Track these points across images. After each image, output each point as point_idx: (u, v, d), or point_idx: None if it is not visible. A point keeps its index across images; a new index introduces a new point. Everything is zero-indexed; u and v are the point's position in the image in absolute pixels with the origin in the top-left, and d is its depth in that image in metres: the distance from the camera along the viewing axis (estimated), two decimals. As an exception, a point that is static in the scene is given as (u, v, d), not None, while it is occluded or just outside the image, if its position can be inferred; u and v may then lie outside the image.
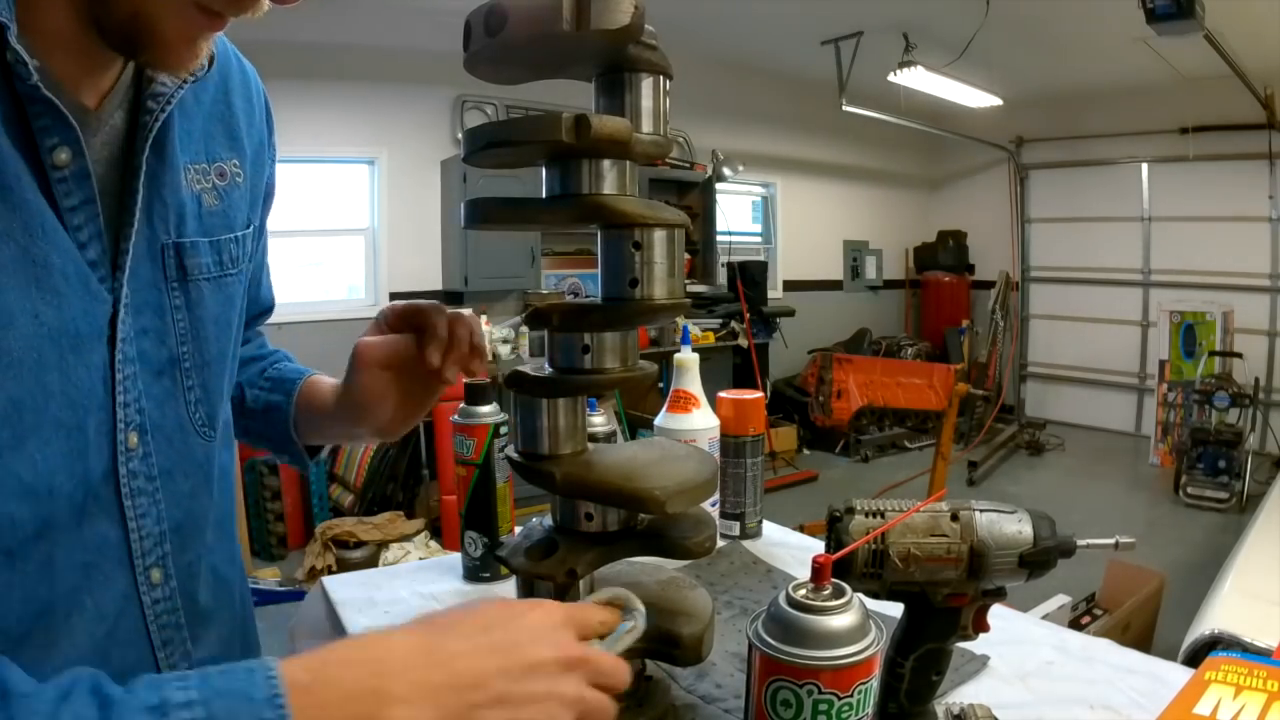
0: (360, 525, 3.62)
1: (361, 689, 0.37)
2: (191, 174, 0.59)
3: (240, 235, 0.64)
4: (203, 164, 0.60)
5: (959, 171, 7.59)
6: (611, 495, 0.60)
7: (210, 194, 0.61)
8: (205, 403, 0.60)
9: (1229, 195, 5.85)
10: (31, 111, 0.45)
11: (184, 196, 0.58)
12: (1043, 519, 0.57)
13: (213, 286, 0.60)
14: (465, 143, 0.58)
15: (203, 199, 0.60)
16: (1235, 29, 4.11)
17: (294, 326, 4.39)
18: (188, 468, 0.59)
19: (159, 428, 0.56)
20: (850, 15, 4.66)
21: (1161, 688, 0.67)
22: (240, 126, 0.65)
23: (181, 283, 0.57)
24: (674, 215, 0.60)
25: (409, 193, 4.74)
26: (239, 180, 0.64)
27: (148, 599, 0.56)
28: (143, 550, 0.55)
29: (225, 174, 0.62)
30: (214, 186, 0.61)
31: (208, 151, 0.61)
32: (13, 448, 0.45)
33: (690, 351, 1.06)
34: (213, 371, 0.61)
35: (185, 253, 0.57)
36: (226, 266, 0.62)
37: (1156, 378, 5.95)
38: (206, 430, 0.61)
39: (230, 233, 0.62)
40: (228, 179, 0.63)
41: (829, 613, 0.48)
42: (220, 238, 0.61)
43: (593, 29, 0.51)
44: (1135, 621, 2.72)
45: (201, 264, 0.59)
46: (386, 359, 0.68)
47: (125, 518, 0.53)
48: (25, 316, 0.45)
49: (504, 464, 0.92)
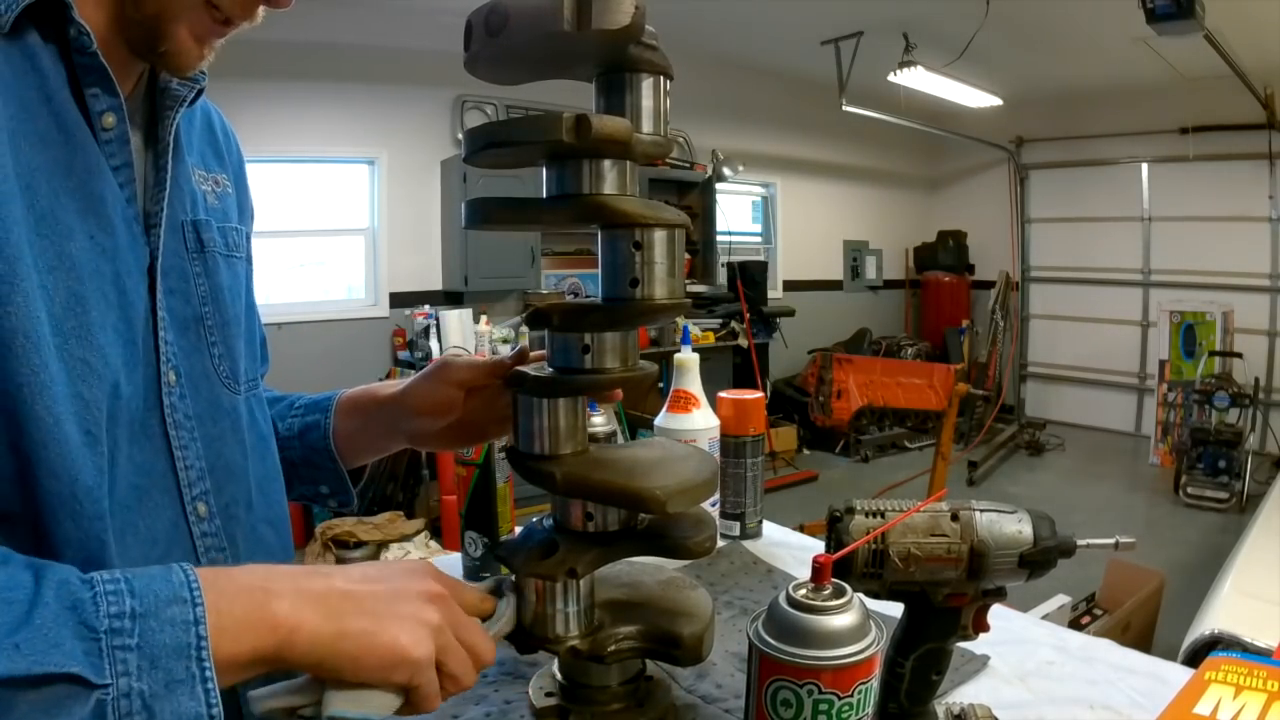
0: (360, 525, 3.62)
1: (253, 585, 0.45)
2: (198, 175, 0.67)
3: (237, 228, 0.71)
4: (202, 170, 0.69)
5: (959, 171, 7.59)
6: (612, 495, 0.60)
7: (211, 194, 0.69)
8: (227, 357, 0.67)
9: (1229, 195, 5.85)
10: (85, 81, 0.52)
11: (194, 187, 0.66)
12: (1043, 519, 0.57)
13: (224, 261, 0.68)
14: (465, 143, 0.58)
15: (205, 196, 0.68)
16: (1235, 29, 4.11)
17: (294, 326, 4.39)
18: (217, 414, 0.65)
19: (189, 375, 0.62)
20: (850, 15, 4.66)
21: (1161, 688, 0.67)
22: (223, 151, 0.74)
23: (200, 253, 0.65)
24: (674, 215, 0.60)
25: (409, 193, 4.74)
26: (229, 191, 0.72)
27: (196, 530, 0.60)
28: (189, 480, 0.60)
29: (219, 183, 0.71)
30: (213, 190, 0.70)
31: (203, 162, 0.70)
32: (80, 337, 0.51)
33: (690, 351, 1.06)
34: (231, 331, 0.67)
35: (201, 228, 0.65)
36: (232, 249, 0.69)
37: (1156, 378, 5.95)
38: (231, 382, 0.67)
39: (230, 223, 0.70)
40: (221, 187, 0.71)
41: (829, 613, 0.48)
42: (224, 225, 0.69)
43: (593, 29, 0.51)
44: (1135, 621, 2.72)
45: (214, 239, 0.67)
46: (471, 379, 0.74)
47: (171, 448, 0.59)
48: (83, 235, 0.52)
49: (504, 464, 0.92)
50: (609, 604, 0.65)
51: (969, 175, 7.53)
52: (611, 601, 0.66)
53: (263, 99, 4.17)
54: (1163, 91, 5.75)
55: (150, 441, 0.58)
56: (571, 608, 0.61)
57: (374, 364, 4.64)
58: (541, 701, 0.65)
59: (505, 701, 0.68)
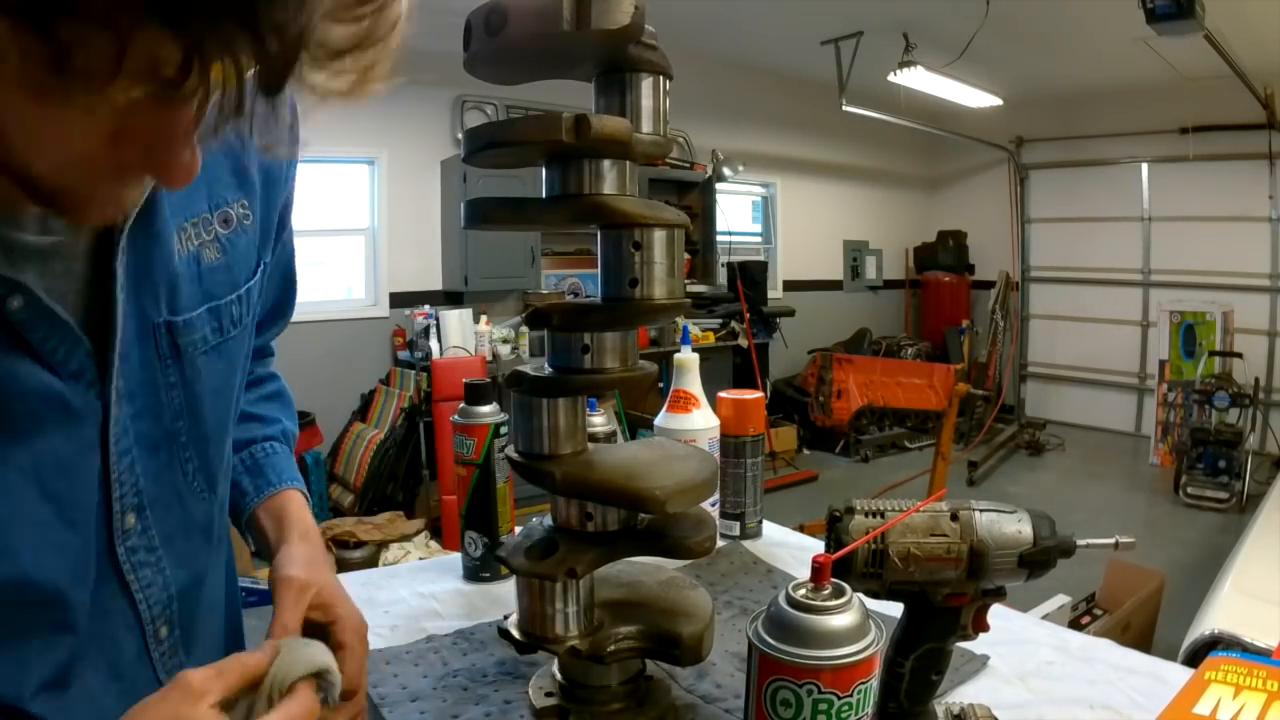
0: (360, 525, 3.62)
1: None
2: (188, 233, 0.55)
3: (245, 291, 0.60)
4: (204, 215, 0.56)
5: (959, 171, 7.59)
6: (611, 495, 0.60)
7: (212, 247, 0.57)
8: (203, 471, 0.59)
9: (1229, 195, 5.85)
10: None
11: (176, 267, 0.54)
12: (1043, 519, 0.57)
13: (211, 357, 0.57)
14: (465, 143, 0.58)
15: (202, 256, 0.56)
16: (1235, 29, 4.11)
17: (294, 326, 4.33)
18: (188, 530, 0.59)
19: (157, 500, 0.55)
20: (850, 15, 4.66)
21: (1161, 687, 0.67)
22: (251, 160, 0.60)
23: (175, 360, 0.55)
24: (674, 215, 0.60)
25: (409, 193, 4.74)
26: (247, 223, 0.60)
27: (156, 652, 0.57)
28: (151, 616, 0.56)
29: (231, 220, 0.58)
30: (215, 237, 0.57)
31: (211, 198, 0.56)
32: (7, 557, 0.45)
33: (690, 351, 1.06)
34: (211, 442, 0.59)
35: (179, 331, 0.54)
36: (228, 330, 0.59)
37: (1156, 378, 5.95)
38: (205, 494, 0.60)
39: (234, 291, 0.59)
40: (233, 225, 0.58)
41: (829, 613, 0.48)
42: (221, 301, 0.57)
43: (593, 29, 0.51)
44: (1135, 621, 2.72)
45: (197, 339, 0.56)
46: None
47: (130, 590, 0.54)
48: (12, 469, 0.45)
49: (504, 464, 0.92)
50: (609, 604, 0.65)
51: (969, 175, 7.53)
52: (611, 601, 0.66)
53: (263, 99, 4.17)
54: (1163, 91, 5.75)
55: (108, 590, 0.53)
56: (571, 608, 0.61)
57: (374, 364, 4.64)
58: (541, 701, 0.65)
59: (505, 701, 0.68)
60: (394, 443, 4.17)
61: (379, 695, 0.69)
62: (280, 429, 0.77)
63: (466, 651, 0.77)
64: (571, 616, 0.61)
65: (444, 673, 0.73)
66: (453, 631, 0.81)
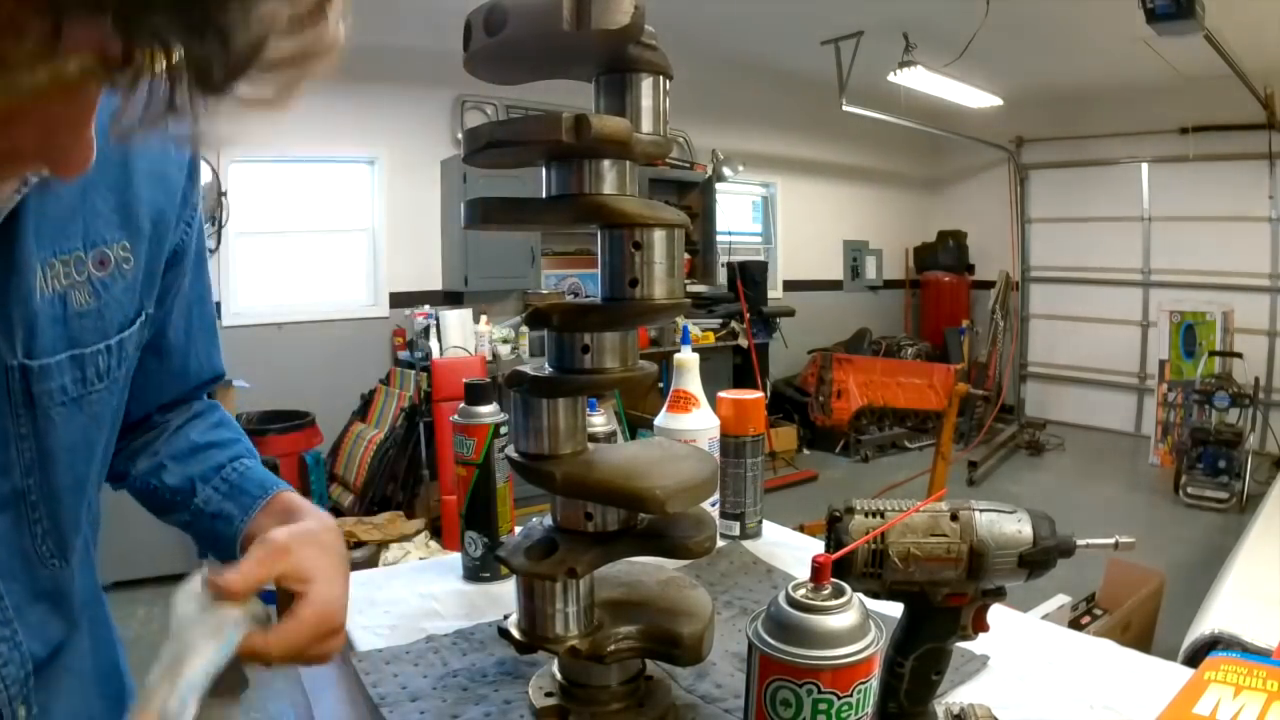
0: (360, 525, 3.62)
1: None
2: (55, 270, 0.48)
3: (117, 342, 0.53)
4: (76, 252, 0.49)
5: (959, 171, 7.59)
6: (611, 495, 0.60)
7: (82, 290, 0.50)
8: (54, 534, 0.52)
9: (1229, 195, 5.85)
10: None
11: (36, 306, 0.47)
12: (1043, 519, 0.57)
13: (69, 411, 0.51)
14: (465, 143, 0.58)
15: (70, 299, 0.49)
16: (1235, 29, 4.11)
17: (294, 327, 4.40)
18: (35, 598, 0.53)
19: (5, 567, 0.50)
20: (850, 15, 4.66)
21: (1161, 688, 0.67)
22: (139, 197, 0.53)
23: (28, 409, 0.48)
24: (674, 215, 0.60)
25: (409, 193, 4.74)
26: (126, 268, 0.53)
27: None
28: (9, 696, 0.50)
29: (108, 262, 0.51)
30: (88, 279, 0.50)
31: (87, 235, 0.50)
32: None
33: (690, 351, 1.06)
34: (64, 503, 0.53)
35: (33, 377, 0.48)
36: (92, 383, 0.52)
37: (1156, 378, 5.95)
38: (55, 562, 0.53)
39: (103, 340, 0.52)
40: (110, 268, 0.51)
41: (829, 612, 0.48)
42: (87, 349, 0.51)
43: (593, 29, 0.51)
44: (1135, 621, 2.72)
45: (54, 389, 0.49)
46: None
47: None
48: None
49: (504, 464, 0.92)
50: (609, 604, 0.65)
51: (969, 175, 7.53)
52: (611, 601, 0.66)
53: (263, 99, 4.17)
54: (1163, 91, 5.75)
55: None
56: (571, 608, 0.61)
57: (374, 364, 4.64)
58: (541, 701, 0.65)
59: (505, 701, 0.68)
60: (394, 443, 4.17)
61: (379, 695, 0.69)
62: (243, 446, 0.71)
63: (466, 651, 0.77)
64: (571, 616, 0.61)
65: (444, 673, 0.73)
66: (453, 631, 0.81)
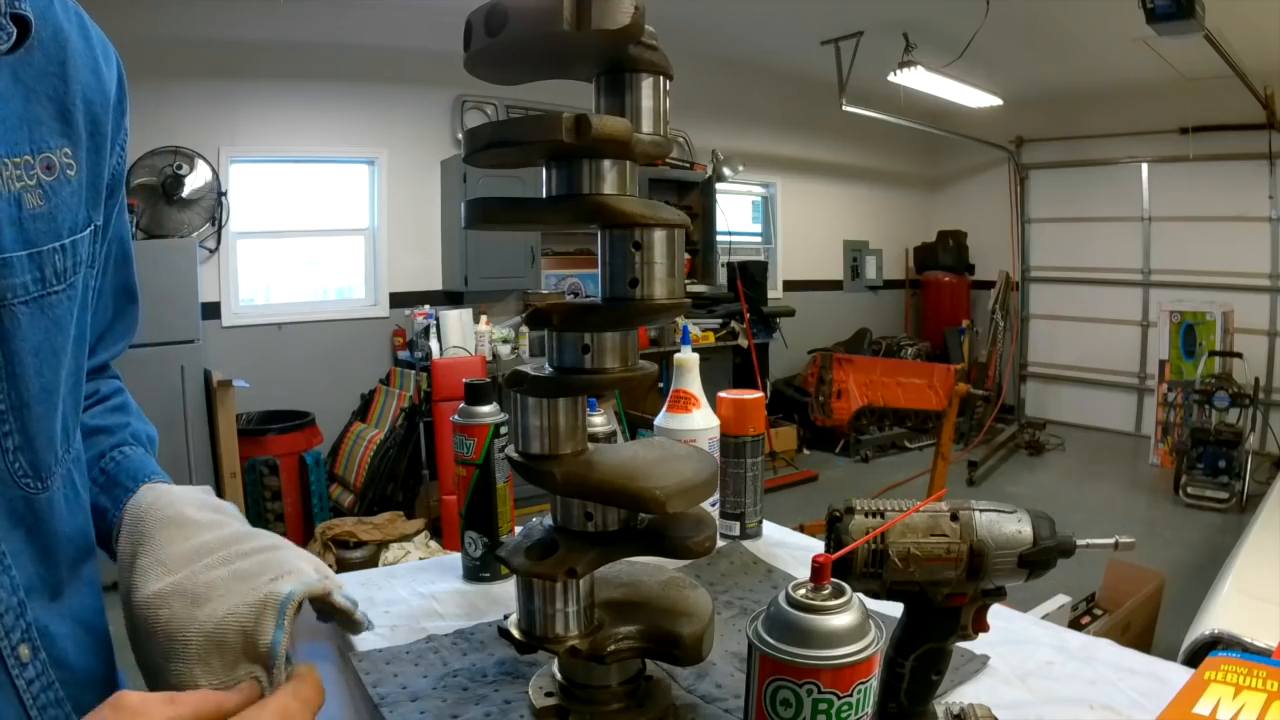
0: (360, 525, 3.62)
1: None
2: (9, 170, 0.49)
3: (71, 242, 0.53)
4: (25, 155, 0.50)
5: (959, 171, 7.59)
6: (611, 495, 0.60)
7: (33, 193, 0.50)
8: (26, 450, 0.50)
9: (1229, 195, 5.86)
10: None
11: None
12: (1043, 519, 0.57)
13: (33, 310, 0.50)
14: (465, 143, 0.58)
15: (24, 200, 0.49)
16: (1235, 29, 4.11)
17: (294, 327, 4.40)
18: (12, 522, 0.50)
19: None
20: (850, 15, 4.66)
21: (1161, 688, 0.67)
22: (76, 106, 0.54)
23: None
24: (674, 215, 0.60)
25: (409, 193, 4.74)
26: (70, 173, 0.53)
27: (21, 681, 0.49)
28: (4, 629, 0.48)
29: (53, 166, 0.52)
30: (39, 184, 0.51)
31: (32, 140, 0.50)
32: None
33: (690, 351, 1.06)
34: (35, 413, 0.51)
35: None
36: (51, 283, 0.51)
37: (1156, 378, 5.95)
38: (29, 481, 0.51)
39: (56, 240, 0.52)
40: (56, 172, 0.52)
41: (829, 612, 0.48)
42: (43, 248, 0.51)
43: (593, 29, 0.51)
44: (1135, 621, 2.72)
45: (16, 285, 0.48)
46: None
47: None
48: None
49: (504, 464, 0.92)
50: (609, 604, 0.65)
51: (969, 175, 7.54)
52: (611, 601, 0.66)
53: (263, 99, 4.17)
54: (1163, 91, 5.75)
55: None
56: (571, 608, 0.61)
57: (374, 364, 4.64)
58: (541, 701, 0.65)
59: (505, 701, 0.68)
60: (394, 443, 4.17)
61: (379, 695, 0.69)
62: (129, 432, 0.68)
63: (466, 651, 0.77)
64: (571, 616, 0.61)
65: (444, 673, 0.73)
66: (453, 631, 0.81)
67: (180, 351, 3.53)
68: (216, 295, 4.16)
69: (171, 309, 3.50)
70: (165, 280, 3.47)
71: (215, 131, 4.02)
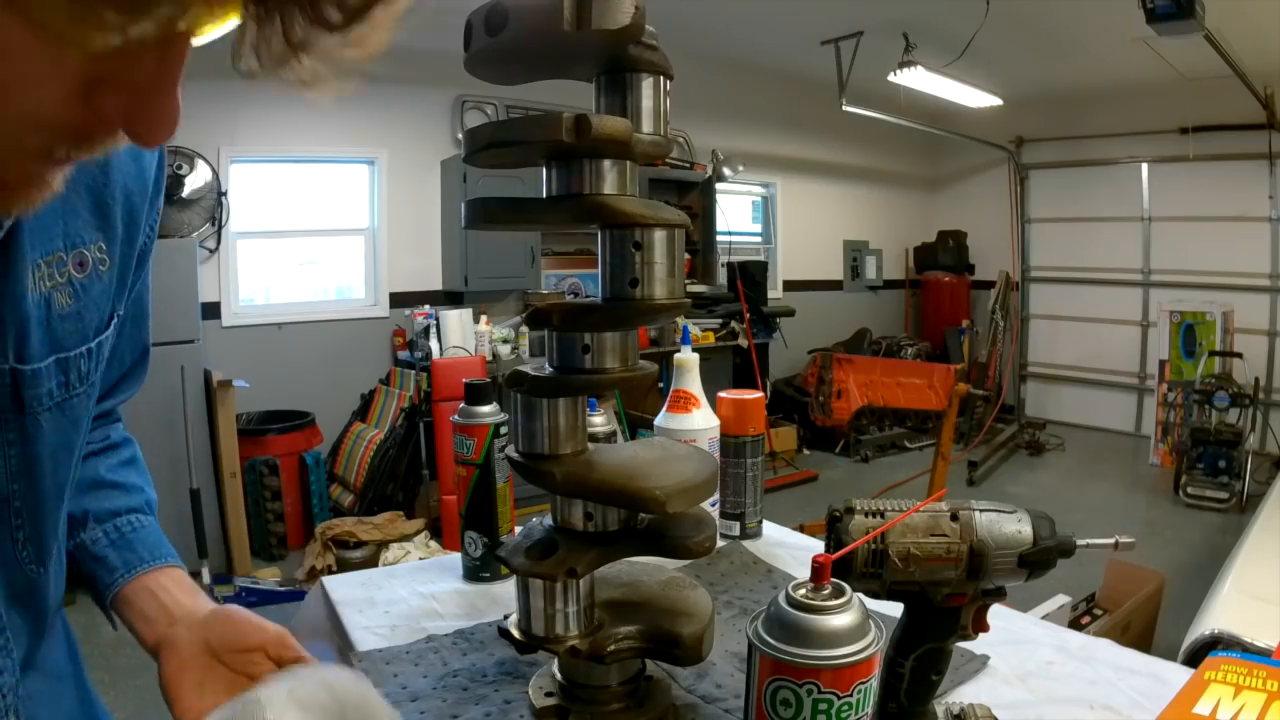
0: (360, 525, 3.62)
1: None
2: (42, 271, 0.48)
3: (96, 345, 0.53)
4: (59, 253, 0.49)
5: (959, 171, 7.59)
6: (612, 495, 0.60)
7: (64, 292, 0.50)
8: (35, 540, 0.52)
9: (1229, 195, 5.85)
10: None
11: (28, 307, 0.47)
12: (1043, 519, 0.57)
13: (54, 414, 0.51)
14: (465, 143, 0.58)
15: (54, 300, 0.49)
16: (1235, 29, 4.11)
17: (294, 327, 4.40)
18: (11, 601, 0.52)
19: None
20: (850, 15, 4.66)
21: (1161, 688, 0.67)
22: (115, 198, 0.53)
23: (17, 414, 0.48)
24: (674, 215, 0.60)
25: (409, 193, 4.74)
26: (103, 269, 0.53)
27: None
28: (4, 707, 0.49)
29: (86, 263, 0.51)
30: (69, 281, 0.50)
31: (67, 236, 0.49)
32: None
33: (690, 351, 1.06)
34: (46, 509, 0.52)
35: (24, 383, 0.48)
36: (74, 386, 0.52)
37: (1156, 378, 5.95)
38: (33, 566, 0.53)
39: (83, 344, 0.52)
40: (88, 269, 0.51)
41: (829, 612, 0.48)
42: (70, 353, 0.51)
43: (593, 29, 0.51)
44: (1135, 621, 2.72)
45: (42, 393, 0.49)
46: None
47: None
48: None
49: (504, 464, 0.92)
50: (609, 604, 0.65)
51: (969, 175, 7.53)
52: (611, 601, 0.66)
53: (263, 99, 4.16)
54: (1163, 91, 5.75)
55: None
56: (571, 608, 0.61)
57: (374, 364, 4.64)
58: (541, 701, 0.65)
59: (505, 701, 0.68)
60: (394, 443, 4.17)
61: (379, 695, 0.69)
62: (144, 499, 0.69)
63: (466, 651, 0.77)
64: (571, 616, 0.61)
65: (444, 673, 0.73)
66: (453, 631, 0.81)
67: (180, 351, 3.52)
68: (216, 295, 4.15)
69: (171, 309, 3.50)
70: (165, 280, 3.47)
71: (215, 131, 4.02)
